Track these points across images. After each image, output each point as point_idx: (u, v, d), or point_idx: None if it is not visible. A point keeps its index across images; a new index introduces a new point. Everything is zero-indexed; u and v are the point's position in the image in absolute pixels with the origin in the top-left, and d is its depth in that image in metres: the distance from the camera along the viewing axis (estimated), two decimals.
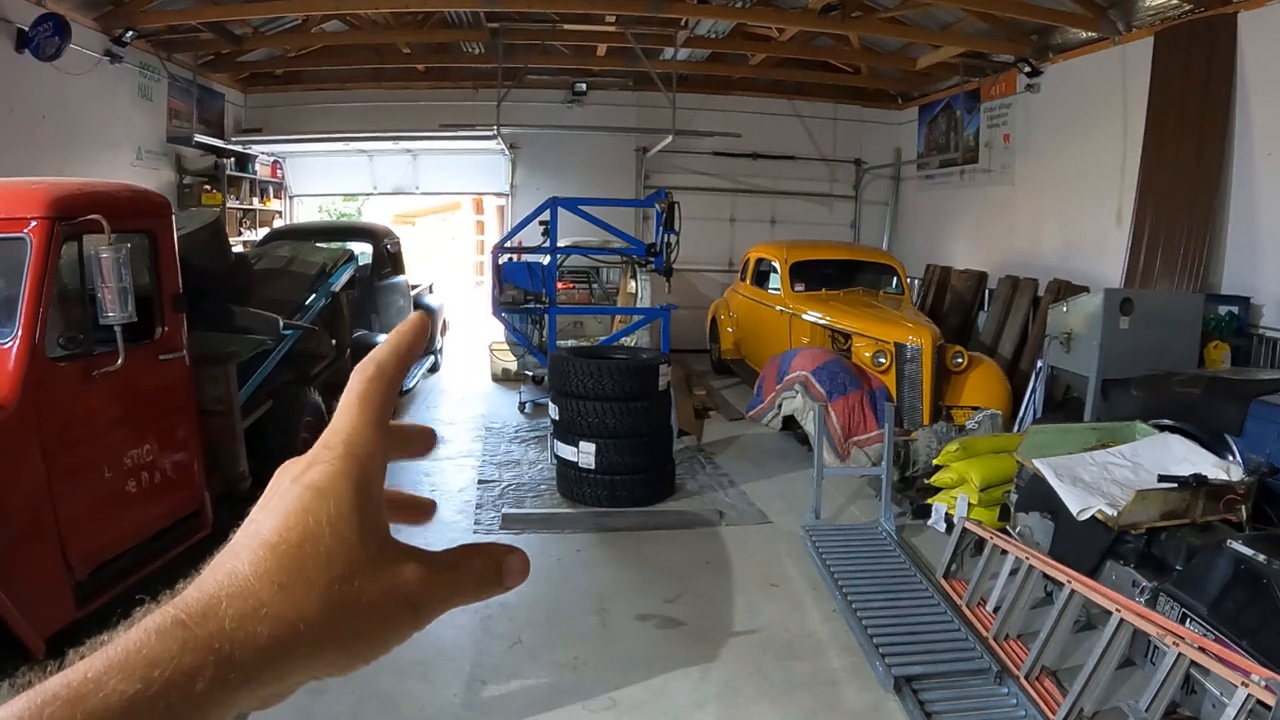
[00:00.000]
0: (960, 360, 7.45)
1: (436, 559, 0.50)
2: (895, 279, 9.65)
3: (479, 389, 10.52)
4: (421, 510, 0.61)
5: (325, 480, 0.47)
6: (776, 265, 9.68)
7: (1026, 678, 3.86)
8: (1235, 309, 7.03)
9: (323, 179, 13.96)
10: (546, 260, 8.55)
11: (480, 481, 6.84)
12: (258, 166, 12.66)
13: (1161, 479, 4.18)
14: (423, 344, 0.55)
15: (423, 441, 0.59)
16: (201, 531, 4.65)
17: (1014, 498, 5.12)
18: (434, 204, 20.87)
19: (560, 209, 8.39)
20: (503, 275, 8.65)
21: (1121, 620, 3.47)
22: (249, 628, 0.42)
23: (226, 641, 0.41)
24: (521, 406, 9.30)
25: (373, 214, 19.23)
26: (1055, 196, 9.94)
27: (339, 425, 0.50)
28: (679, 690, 3.96)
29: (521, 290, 8.65)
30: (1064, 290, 8.65)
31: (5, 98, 7.53)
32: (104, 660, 0.39)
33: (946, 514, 5.80)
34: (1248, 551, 3.51)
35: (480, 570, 0.52)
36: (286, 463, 0.50)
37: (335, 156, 13.54)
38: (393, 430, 0.54)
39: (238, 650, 0.42)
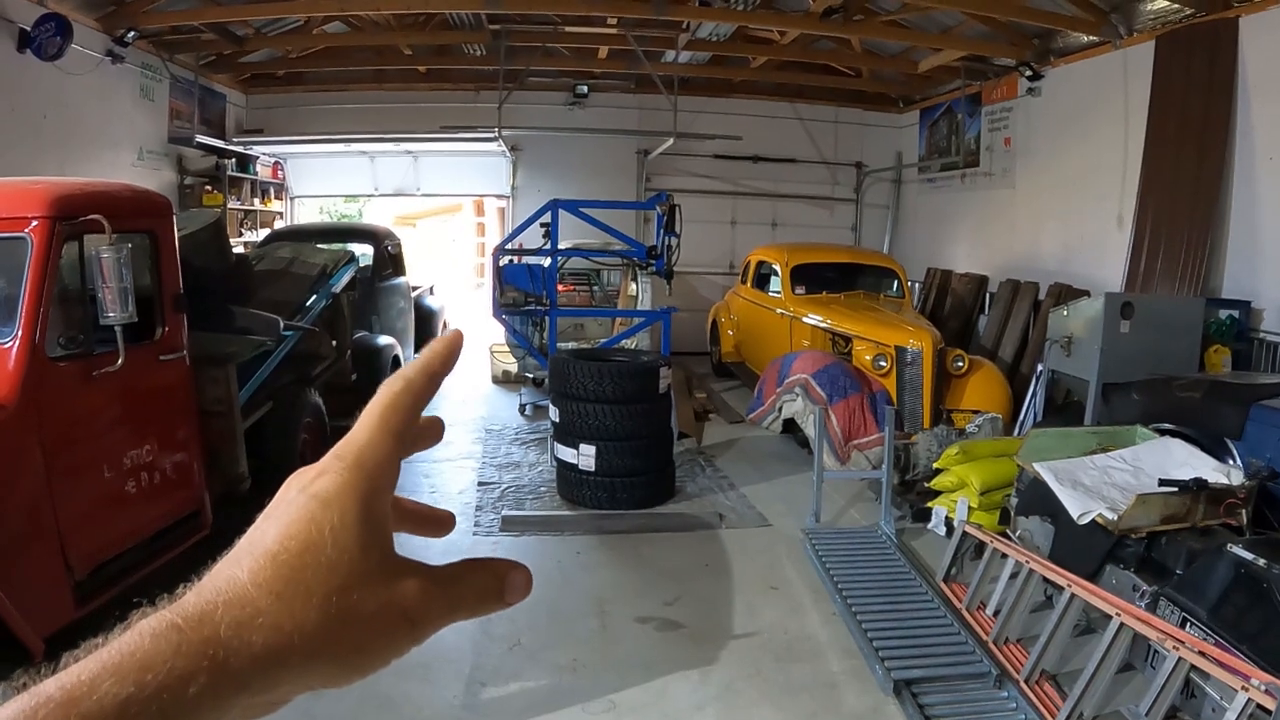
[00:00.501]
0: (961, 364, 7.44)
1: (437, 573, 0.50)
2: (896, 282, 9.64)
3: (479, 391, 10.52)
4: (440, 524, 0.61)
5: (332, 491, 0.47)
6: (777, 268, 9.68)
7: (1026, 682, 3.85)
8: (1236, 313, 7.02)
9: (324, 180, 13.95)
10: (547, 262, 8.55)
11: (480, 483, 6.84)
12: (259, 167, 12.65)
13: (1162, 483, 4.18)
14: (455, 360, 0.55)
15: (432, 432, 0.58)
16: (201, 532, 4.65)
17: (1014, 501, 5.12)
18: (435, 205, 20.87)
19: (561, 211, 8.40)
20: (503, 277, 8.65)
21: (1121, 624, 3.46)
22: (244, 635, 0.42)
23: (220, 648, 0.41)
24: (522, 409, 9.30)
25: (374, 215, 19.22)
26: (1056, 200, 9.94)
27: (354, 437, 0.50)
28: (678, 693, 3.96)
29: (522, 292, 8.65)
30: (1065, 294, 8.65)
31: (6, 97, 7.54)
32: (98, 663, 0.39)
33: (947, 517, 5.80)
34: (1248, 556, 3.51)
35: (481, 585, 0.51)
36: (297, 471, 0.50)
37: (336, 158, 13.55)
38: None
39: (232, 657, 0.41)
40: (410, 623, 0.48)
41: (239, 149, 11.95)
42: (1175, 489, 4.08)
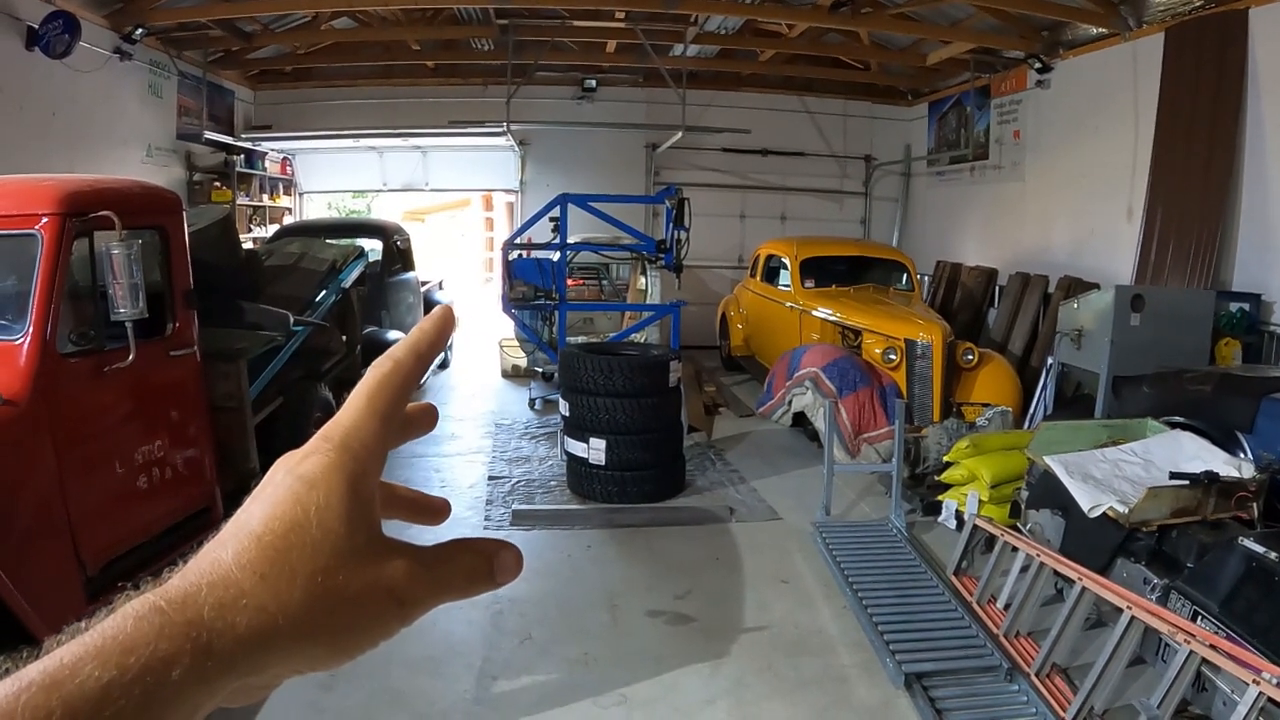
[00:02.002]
0: (970, 357, 7.42)
1: (426, 554, 0.50)
2: (905, 275, 9.62)
3: (489, 385, 10.54)
4: (434, 512, 0.61)
5: (317, 472, 0.47)
6: (787, 262, 9.66)
7: (1037, 675, 3.85)
8: (1246, 305, 6.98)
9: (332, 176, 14.00)
10: (556, 256, 8.54)
11: (491, 477, 6.86)
12: (267, 163, 12.70)
13: (1173, 476, 4.16)
14: (445, 340, 0.55)
15: (425, 420, 0.58)
16: (212, 528, 4.65)
17: (1025, 495, 5.10)
18: (444, 200, 20.91)
19: (570, 205, 8.39)
20: (513, 271, 8.66)
21: (1132, 618, 3.45)
22: (228, 617, 0.42)
23: (204, 630, 0.41)
24: (531, 403, 9.32)
25: (382, 210, 19.26)
26: (1066, 193, 9.89)
27: (341, 419, 0.50)
28: (689, 686, 3.97)
29: (531, 286, 8.65)
30: (1075, 287, 8.61)
31: (15, 95, 7.56)
32: (81, 646, 0.39)
33: (957, 511, 5.79)
34: (1259, 549, 3.50)
35: (470, 565, 0.51)
36: (285, 455, 0.50)
37: (345, 153, 13.57)
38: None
39: (216, 639, 0.41)
40: (398, 603, 0.47)
41: (247, 145, 11.99)
42: (1186, 482, 4.06)
